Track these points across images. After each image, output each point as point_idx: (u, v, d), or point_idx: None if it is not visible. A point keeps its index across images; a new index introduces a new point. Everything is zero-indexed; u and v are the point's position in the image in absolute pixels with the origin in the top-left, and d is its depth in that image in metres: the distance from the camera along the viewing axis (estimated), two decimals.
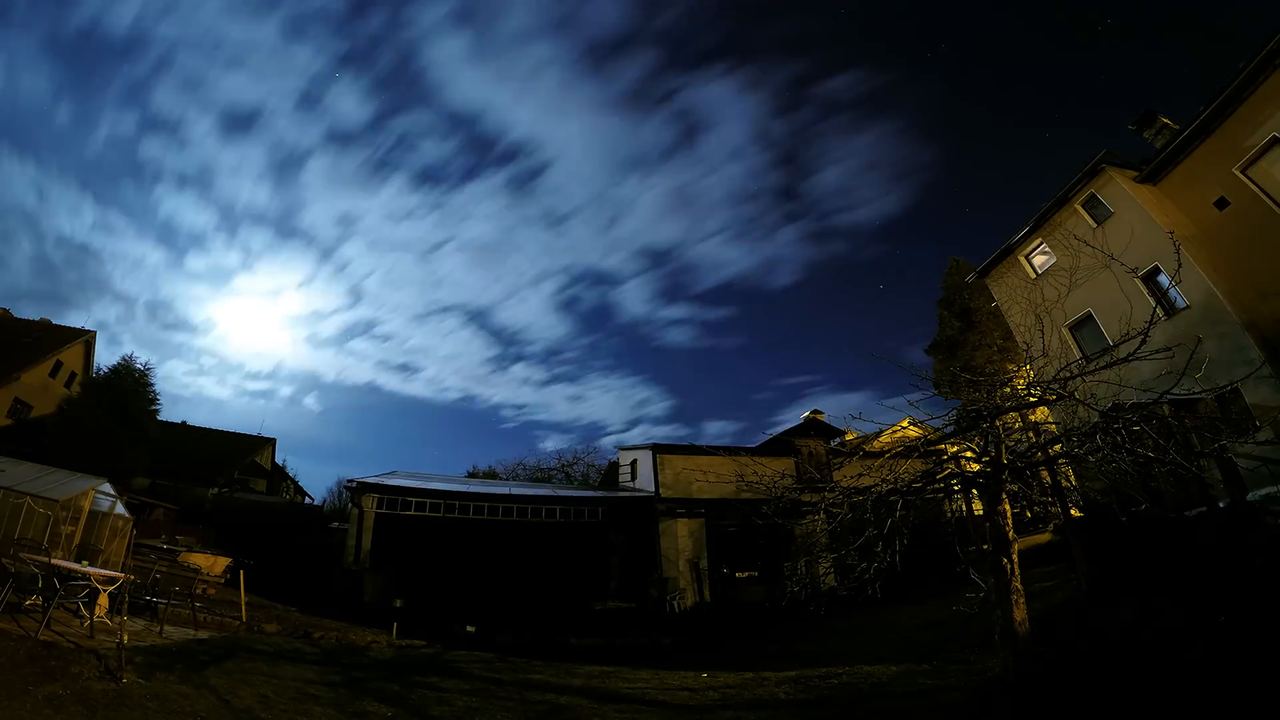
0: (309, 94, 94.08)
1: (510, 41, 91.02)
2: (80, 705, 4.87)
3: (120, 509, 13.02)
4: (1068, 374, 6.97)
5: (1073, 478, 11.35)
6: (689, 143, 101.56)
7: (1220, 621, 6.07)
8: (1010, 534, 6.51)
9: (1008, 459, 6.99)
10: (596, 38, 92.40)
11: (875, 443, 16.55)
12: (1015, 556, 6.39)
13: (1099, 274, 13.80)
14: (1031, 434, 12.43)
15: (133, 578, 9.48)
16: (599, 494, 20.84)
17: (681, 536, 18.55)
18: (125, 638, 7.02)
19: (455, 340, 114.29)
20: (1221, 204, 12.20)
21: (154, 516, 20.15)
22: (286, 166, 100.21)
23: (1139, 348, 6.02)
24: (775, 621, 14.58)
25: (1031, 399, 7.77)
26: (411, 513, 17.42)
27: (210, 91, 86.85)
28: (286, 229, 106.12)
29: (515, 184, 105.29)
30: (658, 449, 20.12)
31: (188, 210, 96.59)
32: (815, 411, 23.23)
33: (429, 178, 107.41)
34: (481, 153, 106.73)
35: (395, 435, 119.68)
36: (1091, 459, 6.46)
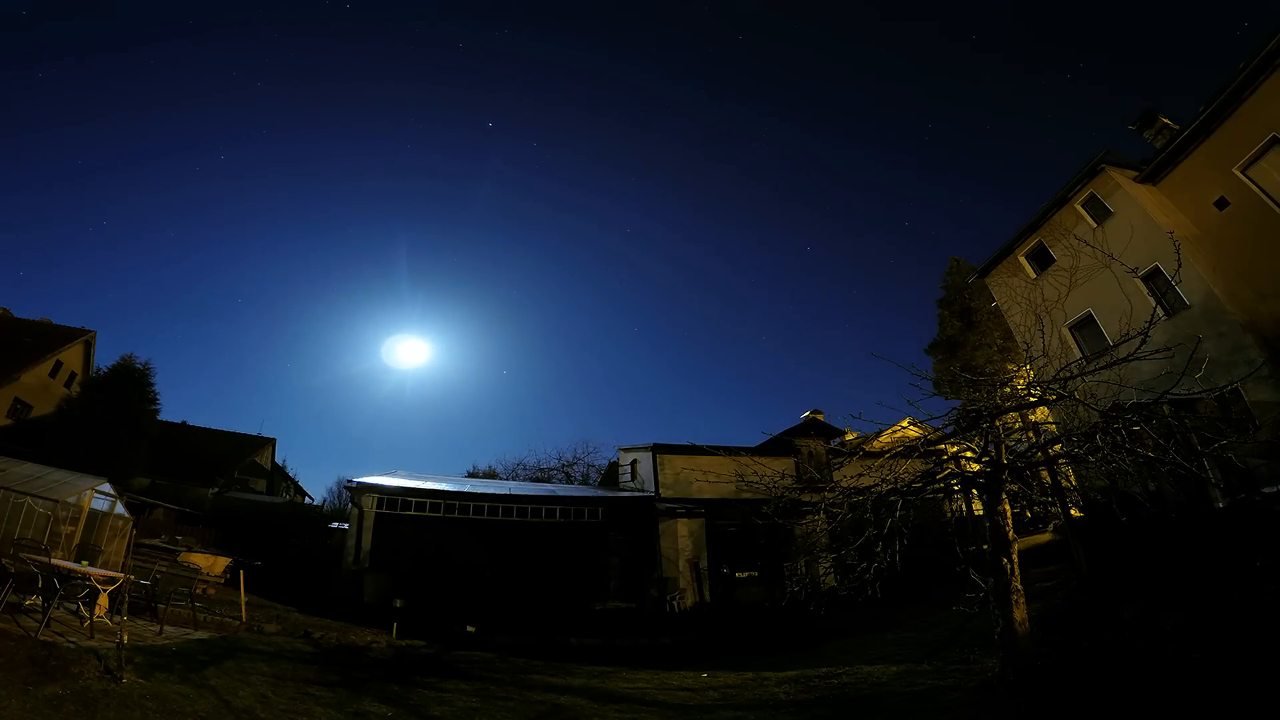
0: None
1: None
2: (80, 705, 4.86)
3: (120, 509, 13.01)
4: (1068, 374, 6.96)
5: (1073, 478, 11.36)
6: None
7: (1221, 621, 6.08)
8: (1010, 534, 6.50)
9: (1008, 459, 6.99)
10: None
11: (875, 443, 16.56)
12: (1015, 556, 6.39)
13: (1099, 274, 13.80)
14: (1031, 434, 12.43)
15: (133, 578, 9.47)
16: (599, 494, 20.83)
17: (681, 536, 18.55)
18: (125, 638, 7.01)
19: None
20: (1221, 204, 12.19)
21: (154, 516, 20.15)
22: None
23: (1139, 348, 6.01)
24: (775, 621, 14.57)
25: (1031, 399, 7.77)
26: (411, 513, 17.41)
27: None
28: None
29: None
30: (658, 449, 20.10)
31: None
32: (815, 411, 23.21)
33: None
34: None
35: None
36: (1091, 459, 6.45)
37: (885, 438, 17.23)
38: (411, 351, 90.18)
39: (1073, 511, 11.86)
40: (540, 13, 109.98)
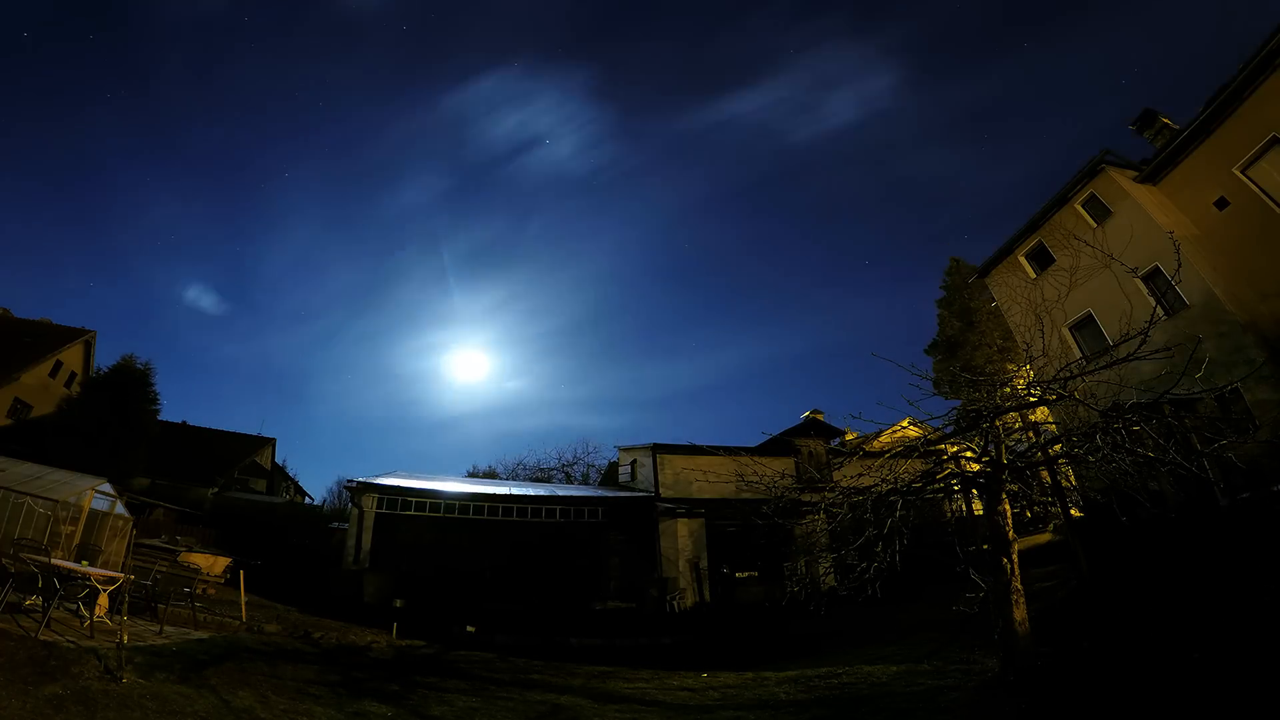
0: None
1: None
2: (80, 705, 4.86)
3: (120, 509, 13.02)
4: (1068, 374, 6.96)
5: (1073, 478, 11.36)
6: None
7: (1220, 621, 6.08)
8: (1010, 534, 6.50)
9: (1008, 459, 6.99)
10: None
11: (875, 443, 16.57)
12: (1015, 556, 6.38)
13: (1099, 274, 13.80)
14: (1031, 434, 12.44)
15: (133, 578, 9.47)
16: (599, 493, 20.82)
17: (681, 536, 18.55)
18: (125, 638, 7.02)
19: None
20: (1221, 204, 12.19)
21: (154, 516, 20.14)
22: None
23: (1139, 348, 6.01)
24: (775, 621, 14.57)
25: (1031, 399, 7.77)
26: (411, 512, 17.41)
27: None
28: None
29: None
30: (658, 449, 20.10)
31: None
32: (815, 411, 23.22)
33: None
34: None
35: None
36: (1091, 459, 6.45)
37: (885, 438, 17.24)
38: (469, 366, 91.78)
39: (1073, 511, 11.87)
40: None
